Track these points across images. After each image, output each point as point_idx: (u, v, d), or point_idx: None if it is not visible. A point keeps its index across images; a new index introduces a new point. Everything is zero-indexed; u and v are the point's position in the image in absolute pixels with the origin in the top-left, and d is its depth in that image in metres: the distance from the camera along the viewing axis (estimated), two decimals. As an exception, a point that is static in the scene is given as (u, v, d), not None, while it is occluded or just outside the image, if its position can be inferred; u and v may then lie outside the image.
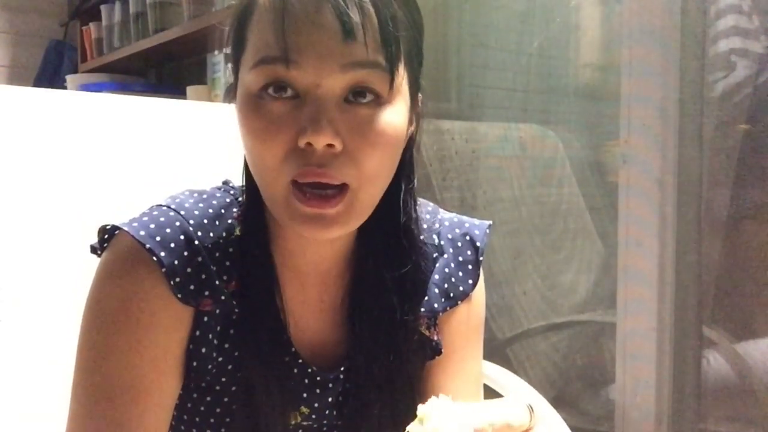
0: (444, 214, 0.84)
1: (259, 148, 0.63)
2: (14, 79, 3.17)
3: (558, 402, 1.33)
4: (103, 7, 2.84)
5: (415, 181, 0.75)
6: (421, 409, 0.59)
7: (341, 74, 0.62)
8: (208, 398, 0.72)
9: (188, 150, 1.22)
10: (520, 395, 0.54)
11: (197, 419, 0.73)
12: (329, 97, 0.62)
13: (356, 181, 0.63)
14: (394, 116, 0.65)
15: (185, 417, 0.73)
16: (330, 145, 0.61)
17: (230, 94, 0.71)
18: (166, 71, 3.01)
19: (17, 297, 1.04)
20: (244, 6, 0.66)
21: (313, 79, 0.62)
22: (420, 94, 0.72)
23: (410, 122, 0.69)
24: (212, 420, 0.72)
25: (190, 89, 2.38)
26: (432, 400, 0.59)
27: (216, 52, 2.36)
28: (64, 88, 2.81)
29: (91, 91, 2.40)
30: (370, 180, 0.65)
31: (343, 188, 0.63)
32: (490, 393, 1.10)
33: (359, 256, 0.76)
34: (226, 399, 0.72)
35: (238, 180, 0.78)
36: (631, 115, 1.30)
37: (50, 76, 3.14)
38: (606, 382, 1.52)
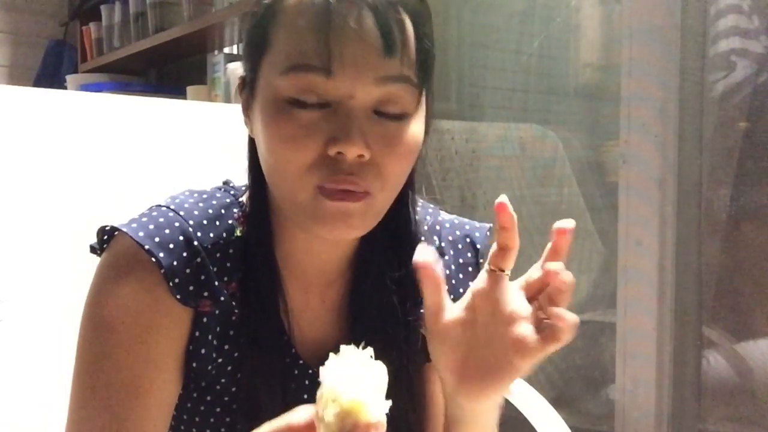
0: (445, 216, 0.84)
1: (286, 155, 0.64)
2: (14, 79, 3.17)
3: (558, 402, 1.33)
4: (103, 7, 2.84)
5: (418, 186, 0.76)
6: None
7: (375, 87, 0.63)
8: (208, 398, 0.72)
9: (188, 150, 1.22)
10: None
11: (197, 419, 0.73)
12: (361, 108, 0.63)
13: (377, 190, 0.65)
14: (418, 129, 0.67)
15: (185, 417, 0.73)
16: (360, 155, 0.62)
17: (240, 91, 0.71)
18: (166, 71, 3.01)
19: (17, 297, 1.04)
20: (270, 4, 0.66)
21: (347, 91, 0.62)
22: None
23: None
24: (212, 420, 0.72)
25: (190, 89, 2.38)
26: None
27: (216, 52, 2.36)
28: (64, 88, 2.81)
29: (91, 91, 2.40)
30: (389, 188, 0.66)
31: (363, 194, 0.64)
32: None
33: (361, 257, 0.76)
34: (226, 399, 0.72)
35: (238, 180, 0.78)
36: (631, 115, 1.30)
37: (50, 76, 3.13)
38: (606, 382, 1.52)
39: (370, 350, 0.54)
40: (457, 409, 0.66)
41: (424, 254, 0.60)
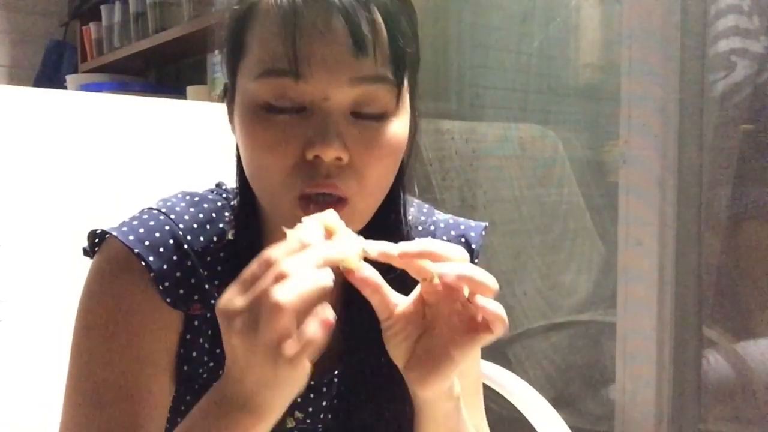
0: (439, 216, 0.84)
1: (265, 162, 0.63)
2: (14, 79, 3.17)
3: (558, 402, 1.33)
4: (103, 7, 2.84)
5: (415, 184, 0.75)
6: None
7: (349, 88, 0.62)
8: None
9: (188, 150, 1.22)
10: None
11: (190, 422, 0.73)
12: (337, 110, 0.62)
13: (357, 195, 0.64)
14: (399, 128, 0.65)
15: (179, 420, 0.73)
16: (338, 158, 0.61)
17: (225, 97, 0.71)
18: (166, 71, 3.01)
19: (17, 297, 1.04)
20: (245, 9, 0.65)
21: (321, 93, 0.61)
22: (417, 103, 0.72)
23: (410, 131, 0.70)
24: None
25: (190, 89, 2.38)
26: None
27: (216, 52, 2.35)
28: (64, 88, 2.81)
29: (91, 91, 2.40)
30: (371, 192, 0.65)
31: (341, 200, 0.63)
32: (490, 393, 1.10)
33: None
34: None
35: (233, 181, 0.78)
36: (631, 115, 1.30)
37: (50, 76, 3.13)
38: (606, 382, 1.53)
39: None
40: (416, 401, 0.67)
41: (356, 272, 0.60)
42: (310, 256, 0.52)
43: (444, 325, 0.60)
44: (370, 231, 0.72)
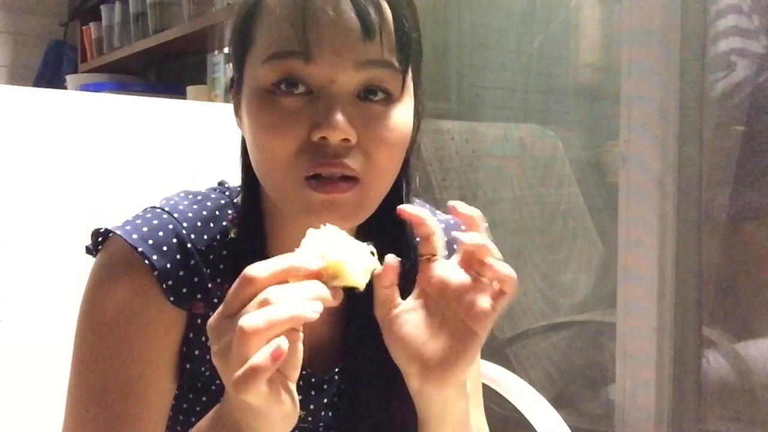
0: (440, 216, 0.84)
1: (271, 144, 0.63)
2: (14, 79, 3.17)
3: (558, 402, 1.33)
4: (103, 7, 2.85)
5: (417, 182, 0.75)
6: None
7: (355, 72, 0.63)
8: (204, 399, 0.72)
9: (188, 150, 1.22)
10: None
11: (193, 419, 0.73)
12: (343, 93, 0.63)
13: (367, 175, 0.64)
14: (404, 114, 0.66)
15: (181, 418, 0.73)
16: (345, 140, 0.62)
17: (231, 92, 0.71)
18: (166, 71, 3.01)
19: (17, 297, 1.04)
20: (252, 3, 0.66)
21: (327, 75, 0.62)
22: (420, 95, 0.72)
23: (414, 125, 0.70)
24: None
25: (189, 89, 2.38)
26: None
27: (216, 52, 2.36)
28: (64, 88, 2.81)
29: (91, 91, 2.40)
30: (380, 174, 0.66)
31: (353, 180, 0.64)
32: (489, 393, 1.10)
33: None
34: (221, 399, 0.72)
35: (233, 180, 0.78)
36: (631, 115, 1.30)
37: (50, 76, 3.14)
38: (606, 382, 1.53)
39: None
40: (425, 407, 0.67)
41: (392, 258, 0.62)
42: (298, 289, 0.54)
43: (457, 306, 0.62)
44: (374, 225, 0.72)
